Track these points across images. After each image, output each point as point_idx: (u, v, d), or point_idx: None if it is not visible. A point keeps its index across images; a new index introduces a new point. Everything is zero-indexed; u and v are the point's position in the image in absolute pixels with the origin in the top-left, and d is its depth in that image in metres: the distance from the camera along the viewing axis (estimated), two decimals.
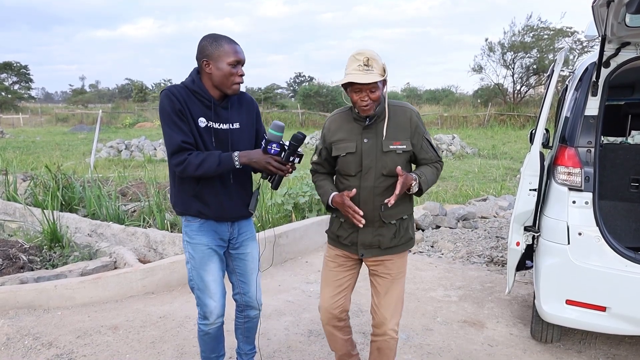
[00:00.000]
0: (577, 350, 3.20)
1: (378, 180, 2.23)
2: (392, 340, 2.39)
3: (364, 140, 2.24)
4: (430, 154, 2.32)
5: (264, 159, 2.18)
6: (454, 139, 16.73)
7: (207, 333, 2.47)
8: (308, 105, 33.69)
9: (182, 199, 2.33)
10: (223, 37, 2.23)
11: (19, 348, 3.15)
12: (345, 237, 2.37)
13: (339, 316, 2.46)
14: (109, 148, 16.93)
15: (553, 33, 29.25)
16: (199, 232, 2.35)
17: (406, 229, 2.36)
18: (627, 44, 2.86)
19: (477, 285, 4.34)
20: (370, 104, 2.16)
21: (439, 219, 6.38)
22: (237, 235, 2.46)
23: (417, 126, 2.28)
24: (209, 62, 2.20)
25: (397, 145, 2.23)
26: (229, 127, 2.31)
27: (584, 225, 2.80)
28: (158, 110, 2.24)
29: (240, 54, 2.23)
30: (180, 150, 2.16)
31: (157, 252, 4.95)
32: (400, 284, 2.39)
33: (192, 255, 2.37)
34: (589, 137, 2.86)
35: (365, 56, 2.08)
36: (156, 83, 52.37)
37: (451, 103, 34.15)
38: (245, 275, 2.54)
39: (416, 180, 2.20)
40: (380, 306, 2.38)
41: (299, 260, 4.98)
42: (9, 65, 48.61)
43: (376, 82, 2.10)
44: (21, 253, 4.60)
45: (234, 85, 2.23)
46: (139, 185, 7.38)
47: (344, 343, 2.56)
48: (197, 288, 2.39)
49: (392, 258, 2.36)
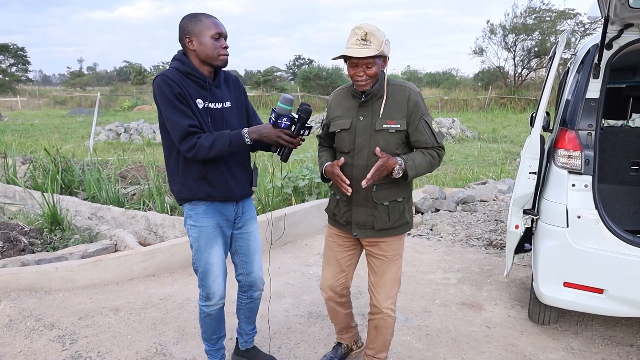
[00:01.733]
0: (574, 331, 3.23)
1: (371, 159, 2.20)
2: (389, 318, 2.43)
3: (360, 118, 2.24)
4: (425, 136, 2.23)
5: (275, 132, 2.18)
6: (454, 123, 16.67)
7: (208, 315, 2.50)
8: (308, 88, 33.47)
9: (188, 183, 2.30)
10: (201, 14, 2.23)
11: (21, 329, 3.18)
12: (340, 216, 2.40)
13: (341, 292, 2.54)
14: (108, 131, 16.87)
15: (555, 15, 28.94)
16: (204, 215, 2.34)
17: (402, 212, 2.34)
18: (630, 26, 2.82)
19: (476, 268, 4.37)
20: (366, 80, 2.14)
21: (439, 202, 6.40)
22: (241, 215, 2.49)
23: (415, 105, 2.21)
24: (191, 38, 2.20)
25: (390, 125, 2.19)
26: (222, 106, 2.31)
27: (583, 208, 2.80)
28: (155, 97, 2.20)
29: (220, 26, 2.23)
30: (189, 135, 2.15)
31: (157, 235, 4.97)
32: (396, 265, 2.40)
33: (196, 238, 2.36)
34: (590, 120, 2.85)
35: (364, 30, 2.06)
36: (154, 65, 52.09)
37: (452, 86, 33.96)
38: (248, 255, 2.56)
39: (400, 165, 2.14)
40: (376, 285, 2.41)
41: (298, 243, 5.01)
42: (5, 47, 48.15)
43: (373, 58, 2.09)
44: (22, 236, 4.61)
45: (220, 56, 2.23)
46: (139, 169, 7.38)
47: (344, 317, 2.67)
48: (201, 270, 2.40)
49: (387, 240, 2.35)
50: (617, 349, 3.02)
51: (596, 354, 2.96)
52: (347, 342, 2.81)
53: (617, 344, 3.08)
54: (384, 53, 2.13)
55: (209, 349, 2.63)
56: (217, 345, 2.63)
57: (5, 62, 49.22)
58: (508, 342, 3.08)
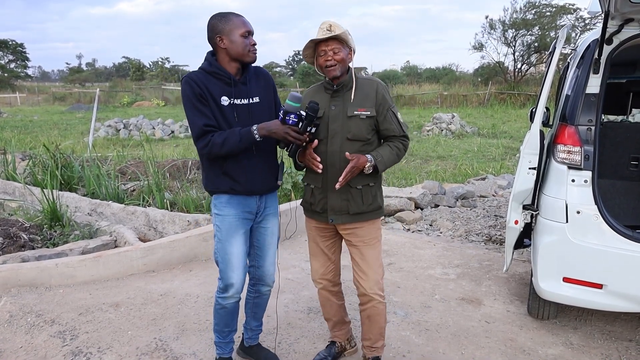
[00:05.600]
0: (573, 327, 3.24)
1: (344, 145, 2.35)
2: (380, 305, 2.49)
3: (332, 107, 2.39)
4: (393, 125, 2.41)
5: (283, 129, 2.25)
6: (453, 118, 16.64)
7: (223, 307, 2.53)
8: (307, 83, 33.43)
9: (212, 178, 2.43)
10: (230, 13, 2.33)
11: (22, 325, 3.19)
12: (316, 204, 2.48)
13: (333, 280, 2.63)
14: (107, 127, 16.86)
15: (555, 10, 28.89)
16: (227, 205, 2.42)
17: (374, 197, 2.46)
18: (631, 21, 2.82)
19: (475, 263, 4.38)
20: (334, 65, 2.30)
21: (438, 198, 6.40)
22: (263, 209, 2.54)
23: (382, 96, 2.39)
24: (222, 37, 2.29)
25: (361, 112, 2.36)
26: (249, 102, 2.39)
27: (583, 203, 2.81)
28: (181, 97, 2.34)
29: (248, 24, 2.33)
30: (204, 134, 2.26)
31: (157, 230, 4.97)
32: (376, 249, 2.49)
33: (219, 227, 2.44)
34: (590, 115, 2.85)
35: (328, 23, 2.28)
36: (154, 61, 51.99)
37: (451, 82, 33.88)
38: (262, 248, 2.61)
39: (371, 162, 2.31)
40: (360, 272, 2.49)
41: (298, 238, 5.01)
42: (4, 43, 48.06)
43: (339, 43, 2.29)
44: (22, 232, 4.61)
45: (251, 52, 2.33)
46: (138, 165, 7.38)
47: (338, 308, 2.72)
48: (221, 261, 2.45)
49: (362, 225, 2.45)
50: (616, 344, 3.03)
51: (595, 348, 2.97)
52: (340, 340, 2.82)
53: (616, 339, 3.09)
54: (348, 41, 2.31)
55: (218, 340, 2.66)
56: (227, 339, 2.66)
57: (5, 58, 49.18)
58: (507, 337, 3.09)
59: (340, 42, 2.30)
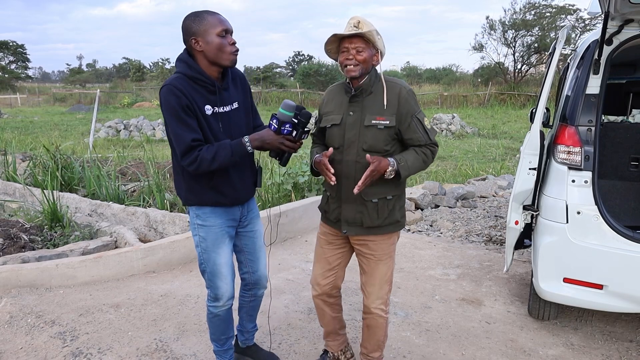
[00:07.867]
0: (574, 327, 3.24)
1: (360, 155, 2.19)
2: (380, 319, 2.40)
3: (349, 114, 2.23)
4: (418, 134, 2.20)
5: (277, 139, 2.16)
6: (453, 119, 16.65)
7: (216, 315, 2.47)
8: (307, 84, 33.45)
9: (195, 191, 2.27)
10: (204, 11, 2.14)
11: (22, 326, 3.19)
12: (330, 212, 2.39)
13: (329, 292, 2.49)
14: (108, 128, 16.86)
15: (555, 11, 28.90)
16: (212, 215, 2.31)
17: (391, 211, 2.30)
18: (631, 21, 2.82)
19: (476, 263, 4.37)
20: (355, 65, 2.13)
21: (438, 198, 6.40)
22: (247, 214, 2.48)
23: (406, 102, 2.19)
24: (197, 39, 2.11)
25: (379, 120, 2.17)
26: (230, 109, 2.27)
27: (583, 204, 2.80)
28: (162, 107, 2.12)
29: (225, 22, 2.14)
30: (191, 149, 2.10)
31: (157, 231, 4.97)
32: (386, 265, 2.35)
33: (203, 238, 2.33)
34: (590, 115, 2.85)
35: (357, 19, 2.10)
36: (154, 62, 51.98)
37: (451, 82, 33.92)
38: (253, 253, 2.56)
39: (393, 166, 2.13)
40: (366, 285, 2.40)
41: (298, 239, 5.01)
42: (5, 44, 48.06)
43: (364, 43, 2.12)
44: (22, 233, 4.61)
45: (230, 55, 2.15)
46: (138, 165, 7.38)
47: (331, 320, 2.58)
48: (209, 271, 2.37)
49: (375, 239, 2.32)
50: (616, 344, 3.03)
51: (596, 349, 2.97)
52: (333, 351, 2.68)
53: (617, 339, 3.09)
54: (375, 41, 2.14)
55: (217, 349, 2.61)
56: (225, 346, 2.61)
57: (5, 59, 49.17)
58: (508, 338, 3.09)
59: (365, 42, 2.12)
